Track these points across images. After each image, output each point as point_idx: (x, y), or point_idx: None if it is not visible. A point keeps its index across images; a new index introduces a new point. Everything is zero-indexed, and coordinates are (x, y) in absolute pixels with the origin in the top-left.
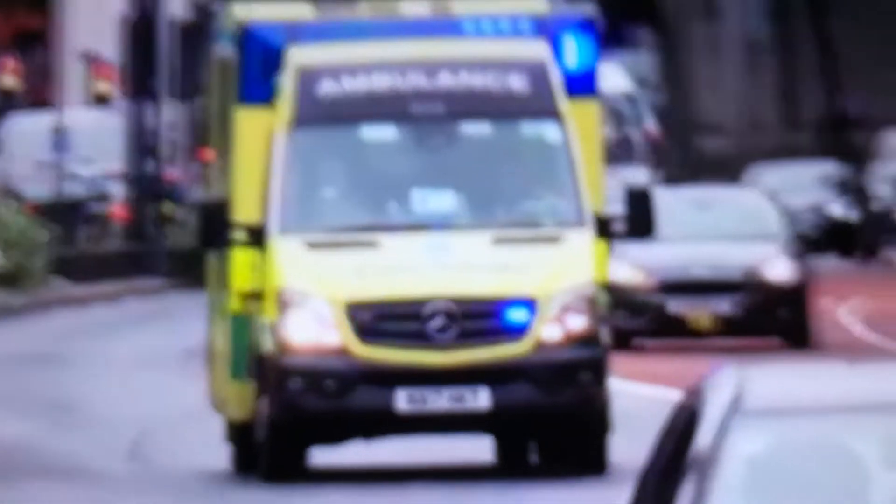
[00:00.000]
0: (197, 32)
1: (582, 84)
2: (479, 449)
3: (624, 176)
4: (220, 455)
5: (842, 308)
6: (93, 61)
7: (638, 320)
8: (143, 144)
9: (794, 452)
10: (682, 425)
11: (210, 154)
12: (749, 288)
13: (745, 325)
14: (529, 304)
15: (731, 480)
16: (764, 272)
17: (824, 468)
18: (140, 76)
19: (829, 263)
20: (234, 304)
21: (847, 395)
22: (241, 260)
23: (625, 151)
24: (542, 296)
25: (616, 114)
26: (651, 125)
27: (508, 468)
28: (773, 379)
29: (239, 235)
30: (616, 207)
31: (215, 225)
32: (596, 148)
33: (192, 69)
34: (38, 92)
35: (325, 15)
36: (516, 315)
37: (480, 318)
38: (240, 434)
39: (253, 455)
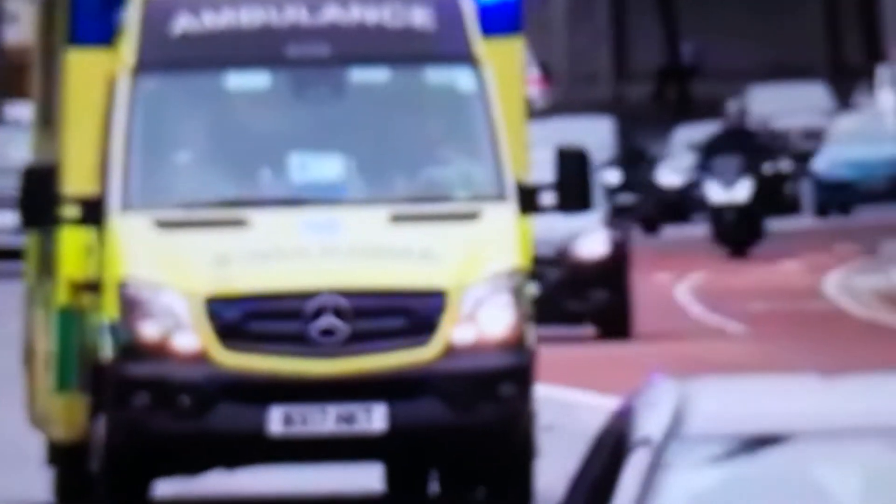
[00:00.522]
0: None
1: (501, 19)
2: (365, 475)
3: None
4: (39, 482)
5: (680, 285)
6: None
7: None
8: None
9: (748, 489)
10: (608, 455)
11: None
12: (560, 266)
13: (551, 309)
14: (437, 297)
15: None
16: (576, 248)
17: None
18: None
19: (668, 234)
20: (62, 296)
21: (817, 416)
22: (71, 241)
23: None
24: (454, 288)
25: None
26: None
27: (401, 499)
28: (722, 396)
29: (70, 210)
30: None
31: (41, 197)
32: (519, 99)
33: None
34: None
35: None
36: (423, 312)
37: (376, 317)
38: (66, 457)
39: (82, 483)
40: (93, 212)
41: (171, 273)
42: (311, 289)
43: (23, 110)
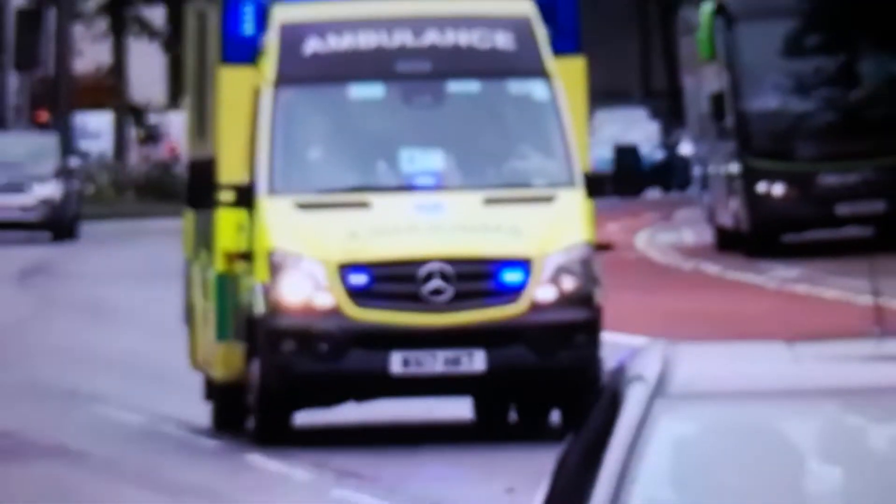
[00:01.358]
0: (35, 16)
1: (568, 42)
2: (457, 406)
3: None
4: (200, 412)
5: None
6: None
7: None
8: None
9: (723, 439)
10: (605, 408)
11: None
12: None
13: None
14: (524, 265)
15: (654, 468)
16: None
17: (755, 457)
18: None
19: None
20: (220, 264)
21: (783, 378)
22: (225, 220)
23: None
24: (537, 256)
25: None
26: None
27: (488, 426)
28: (701, 359)
29: (225, 195)
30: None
31: (202, 185)
32: (581, 106)
33: (30, 46)
34: None
35: None
36: (511, 276)
37: (475, 280)
38: (223, 394)
39: (235, 415)
40: (245, 196)
41: (310, 245)
42: (422, 257)
43: (89, 118)
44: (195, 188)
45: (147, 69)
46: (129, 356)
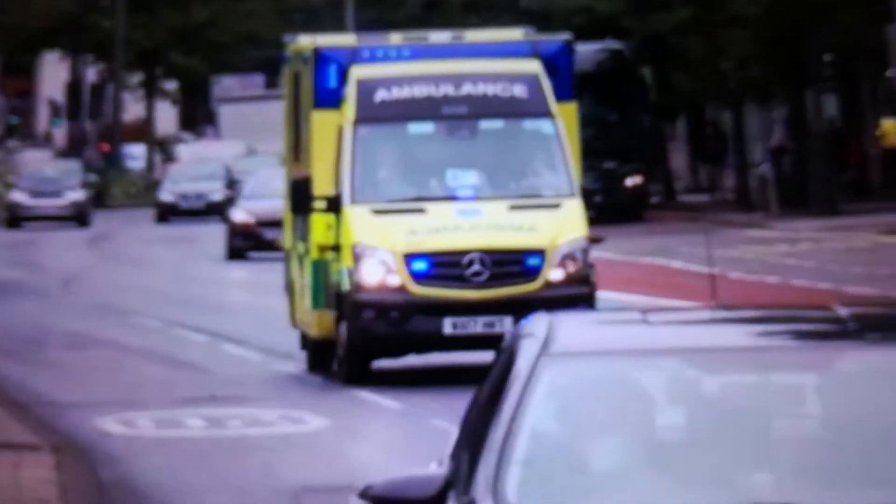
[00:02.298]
0: (100, 88)
1: (563, 91)
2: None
3: None
4: (297, 362)
5: None
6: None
7: (248, 242)
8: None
9: (592, 387)
10: (503, 363)
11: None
12: None
13: None
14: (540, 254)
15: (539, 408)
16: None
17: (617, 400)
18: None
19: None
20: (314, 253)
21: (638, 340)
22: (318, 222)
23: None
24: (550, 248)
25: None
26: None
27: None
28: (576, 326)
29: (318, 204)
30: None
31: (302, 196)
32: (575, 138)
33: (98, 105)
34: None
35: (363, 42)
36: (531, 262)
37: (505, 265)
38: (315, 347)
39: (322, 360)
40: (334, 205)
41: (382, 240)
42: (465, 249)
43: (132, 148)
44: (297, 199)
45: (165, 118)
46: (157, 286)
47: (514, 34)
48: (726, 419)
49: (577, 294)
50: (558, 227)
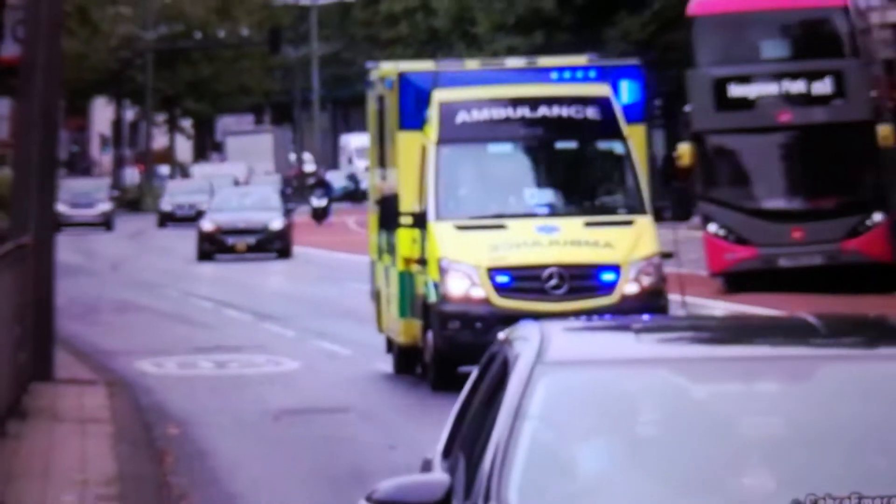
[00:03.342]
0: (136, 125)
1: (633, 114)
2: None
3: None
4: (384, 362)
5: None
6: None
7: (213, 246)
8: None
9: (583, 393)
10: (497, 369)
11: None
12: (263, 231)
13: (261, 249)
14: (616, 269)
15: (536, 411)
16: (269, 224)
17: (606, 405)
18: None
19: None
20: (400, 265)
21: (627, 351)
22: (404, 236)
23: None
24: (624, 263)
25: None
26: None
27: None
28: (568, 336)
29: (405, 220)
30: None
31: (390, 212)
32: (644, 158)
33: (134, 137)
34: None
35: (443, 67)
36: (607, 276)
37: (583, 279)
38: (401, 351)
39: (408, 364)
40: (419, 221)
41: (467, 254)
42: (545, 263)
43: (160, 168)
44: (385, 215)
45: (182, 147)
46: (174, 268)
47: (581, 59)
48: (714, 426)
49: (651, 307)
50: (632, 243)
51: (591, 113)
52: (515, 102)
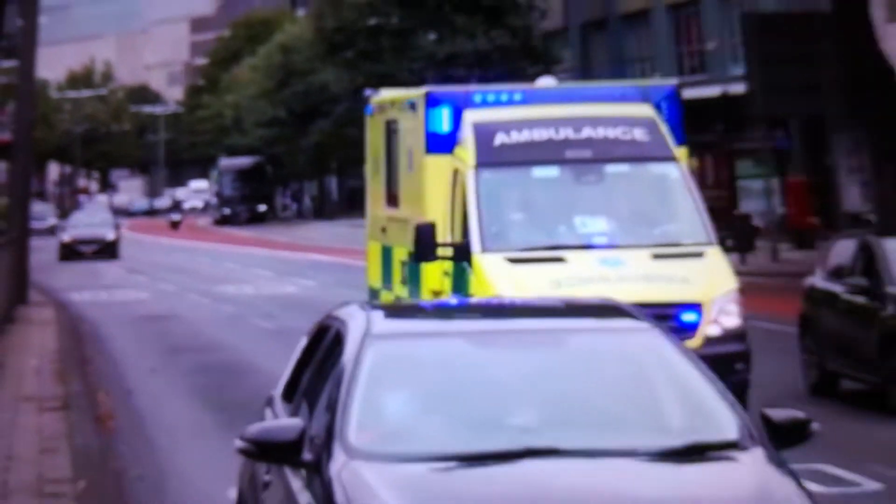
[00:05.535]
0: None
1: (677, 136)
2: None
3: None
4: None
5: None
6: None
7: (69, 253)
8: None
9: (403, 360)
10: (330, 342)
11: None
12: (101, 241)
13: (100, 253)
14: (697, 308)
15: (367, 376)
16: (105, 236)
17: (420, 369)
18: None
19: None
20: (424, 296)
21: (430, 327)
22: (431, 268)
23: None
24: (706, 300)
25: None
26: None
27: None
28: (386, 314)
29: (443, 251)
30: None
31: (428, 243)
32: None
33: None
34: None
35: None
36: (688, 317)
37: (661, 319)
38: None
39: None
40: (462, 253)
41: (525, 290)
42: None
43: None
44: (422, 246)
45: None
46: (223, 272)
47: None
48: (491, 380)
49: (735, 351)
50: (710, 277)
51: (639, 134)
52: (557, 123)
